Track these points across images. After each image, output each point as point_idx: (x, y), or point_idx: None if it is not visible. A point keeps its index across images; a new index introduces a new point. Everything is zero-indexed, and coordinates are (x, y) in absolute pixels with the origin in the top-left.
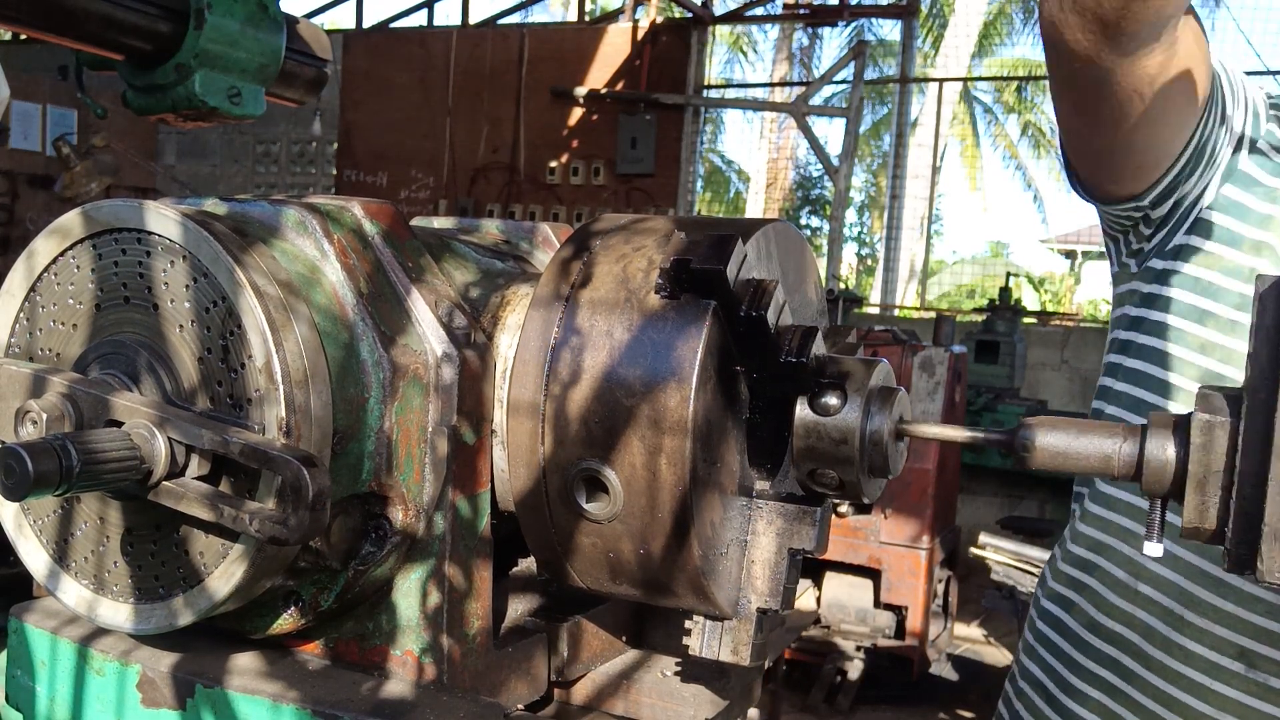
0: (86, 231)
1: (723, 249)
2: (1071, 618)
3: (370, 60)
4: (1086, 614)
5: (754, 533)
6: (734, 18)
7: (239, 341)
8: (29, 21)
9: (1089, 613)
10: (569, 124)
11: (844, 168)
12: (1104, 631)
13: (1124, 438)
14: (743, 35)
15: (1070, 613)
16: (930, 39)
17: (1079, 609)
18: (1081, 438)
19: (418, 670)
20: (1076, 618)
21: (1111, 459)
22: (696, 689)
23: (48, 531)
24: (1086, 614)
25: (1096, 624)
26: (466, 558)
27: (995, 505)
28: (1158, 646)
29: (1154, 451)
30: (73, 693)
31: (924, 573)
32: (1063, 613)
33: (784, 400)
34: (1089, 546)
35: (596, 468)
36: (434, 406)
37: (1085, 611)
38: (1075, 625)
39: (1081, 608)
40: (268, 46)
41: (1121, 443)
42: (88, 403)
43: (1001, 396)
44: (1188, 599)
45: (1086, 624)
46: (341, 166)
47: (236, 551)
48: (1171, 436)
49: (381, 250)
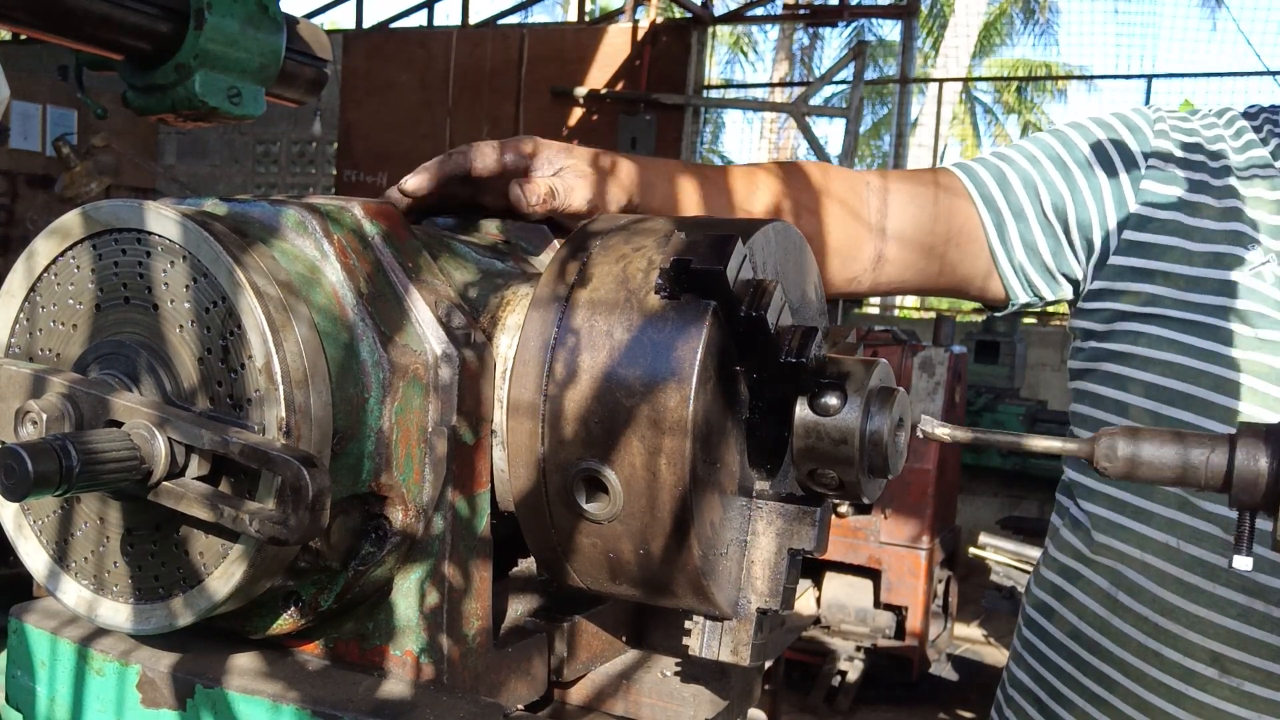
0: (86, 232)
1: (723, 249)
2: (1054, 625)
3: (370, 60)
4: (1069, 622)
5: (754, 533)
6: (734, 18)
7: (239, 342)
8: (29, 21)
9: (1071, 621)
10: (569, 124)
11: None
12: (1085, 640)
13: (1212, 447)
14: (743, 35)
15: (1052, 620)
16: (930, 39)
17: (1060, 617)
18: (1166, 447)
19: (417, 670)
20: (1059, 626)
21: (1199, 469)
22: (696, 689)
23: (48, 532)
24: (1069, 622)
25: (1079, 632)
26: (466, 558)
27: (995, 505)
28: (1135, 654)
29: (1245, 462)
30: (73, 693)
31: (924, 573)
32: (1045, 620)
33: (784, 400)
34: (1073, 555)
35: (596, 468)
36: (433, 406)
37: (1067, 620)
38: (1059, 633)
39: (1063, 616)
40: (268, 46)
41: (1209, 453)
42: (88, 403)
43: (1001, 397)
44: (1163, 606)
45: (1069, 632)
46: (341, 166)
47: (236, 552)
48: (1264, 446)
49: (381, 250)
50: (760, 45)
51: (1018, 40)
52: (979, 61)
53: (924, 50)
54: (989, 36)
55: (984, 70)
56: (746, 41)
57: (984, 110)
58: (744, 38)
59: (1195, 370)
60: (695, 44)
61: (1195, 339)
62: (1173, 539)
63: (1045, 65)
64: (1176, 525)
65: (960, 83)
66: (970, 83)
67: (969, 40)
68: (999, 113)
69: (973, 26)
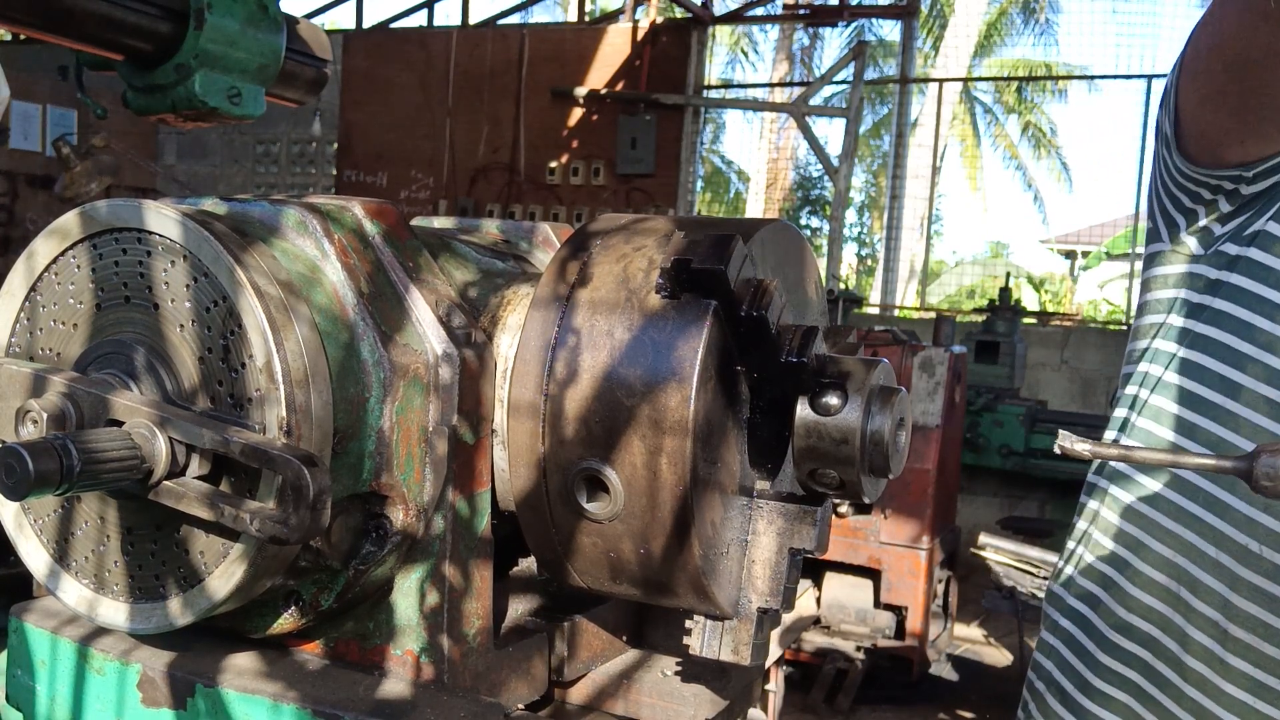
0: (86, 231)
1: (723, 249)
2: (1100, 617)
3: (370, 60)
4: (1114, 614)
5: (754, 532)
6: (734, 18)
7: (239, 341)
8: (29, 21)
9: (1117, 613)
10: (569, 124)
11: (844, 168)
12: (1138, 635)
13: None
14: (743, 35)
15: (1098, 611)
16: (930, 39)
17: (1106, 609)
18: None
19: (417, 670)
20: (1105, 618)
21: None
22: (696, 689)
23: (48, 531)
24: (1114, 614)
25: (1129, 626)
26: (466, 557)
27: (995, 505)
28: (1199, 659)
29: None
30: (73, 692)
31: (924, 573)
32: (1090, 611)
33: (784, 400)
34: (1126, 544)
35: (597, 467)
36: (434, 406)
37: (1114, 612)
38: (1104, 625)
39: (1109, 608)
40: (268, 46)
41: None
42: (88, 402)
43: (1001, 397)
44: (1233, 612)
45: (1116, 625)
46: (341, 166)
47: (237, 551)
48: None
49: (382, 250)
50: (760, 45)
51: (1018, 40)
52: (979, 61)
53: (924, 50)
54: (989, 36)
55: (984, 70)
56: (746, 42)
57: (984, 110)
58: (744, 38)
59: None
60: (695, 44)
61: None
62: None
63: (1045, 65)
64: (1256, 526)
65: (960, 83)
66: (970, 83)
67: (969, 40)
68: (999, 113)
69: (973, 26)
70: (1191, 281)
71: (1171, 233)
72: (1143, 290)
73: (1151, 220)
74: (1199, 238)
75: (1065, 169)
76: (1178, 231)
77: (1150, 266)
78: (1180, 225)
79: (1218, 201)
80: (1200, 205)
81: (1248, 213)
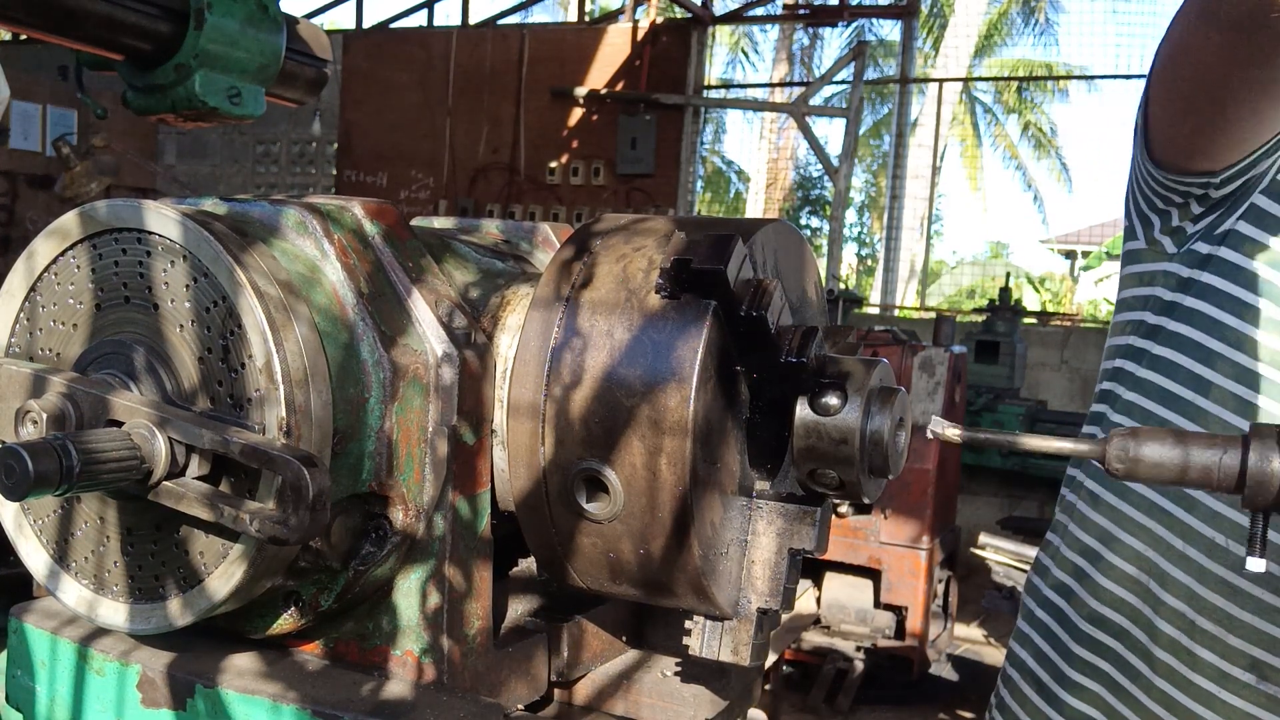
0: (86, 232)
1: (723, 249)
2: (1072, 608)
3: (370, 60)
4: (1088, 606)
5: (754, 533)
6: (734, 18)
7: (239, 341)
8: (29, 21)
9: (1091, 605)
10: (569, 124)
11: (844, 168)
12: (1110, 626)
13: (1224, 448)
14: (743, 36)
15: (1071, 602)
16: (930, 39)
17: (1079, 600)
18: (1178, 449)
19: (418, 670)
20: (1077, 609)
21: (1211, 471)
22: (696, 689)
23: (48, 531)
24: (1088, 606)
25: (1100, 617)
26: (466, 558)
27: (995, 505)
28: (1166, 649)
29: (1257, 463)
30: (73, 693)
31: (924, 573)
32: (1064, 602)
33: (784, 400)
34: (1098, 536)
35: (597, 468)
36: (434, 407)
37: (1086, 604)
38: (1076, 616)
39: (1082, 599)
40: (268, 46)
41: (1222, 454)
42: (88, 402)
43: (1001, 396)
44: (1200, 604)
45: (1088, 616)
46: (341, 166)
47: (236, 551)
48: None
49: (382, 250)
50: (760, 45)
51: (1018, 40)
52: (979, 61)
53: (924, 50)
54: (989, 36)
55: (984, 70)
56: (747, 42)
57: (984, 110)
58: (744, 38)
59: None
60: (695, 44)
61: None
62: (1219, 536)
63: (1045, 65)
64: (1223, 520)
65: (960, 83)
66: (970, 83)
67: (969, 40)
68: (999, 113)
69: (973, 26)
70: (1164, 280)
71: (1146, 232)
72: (1120, 288)
73: (1128, 219)
74: (1172, 237)
75: (1065, 169)
76: (1152, 230)
77: (1127, 264)
78: (1154, 224)
79: (1189, 204)
80: (1172, 207)
81: (1218, 212)
